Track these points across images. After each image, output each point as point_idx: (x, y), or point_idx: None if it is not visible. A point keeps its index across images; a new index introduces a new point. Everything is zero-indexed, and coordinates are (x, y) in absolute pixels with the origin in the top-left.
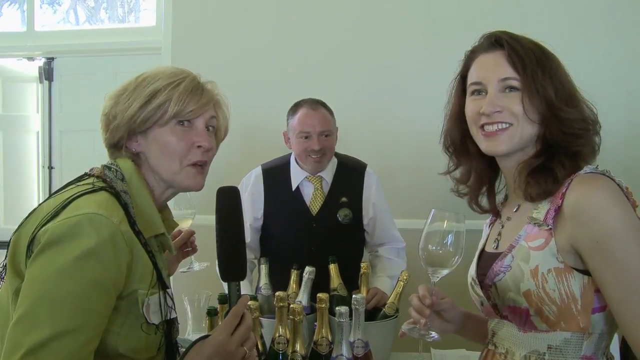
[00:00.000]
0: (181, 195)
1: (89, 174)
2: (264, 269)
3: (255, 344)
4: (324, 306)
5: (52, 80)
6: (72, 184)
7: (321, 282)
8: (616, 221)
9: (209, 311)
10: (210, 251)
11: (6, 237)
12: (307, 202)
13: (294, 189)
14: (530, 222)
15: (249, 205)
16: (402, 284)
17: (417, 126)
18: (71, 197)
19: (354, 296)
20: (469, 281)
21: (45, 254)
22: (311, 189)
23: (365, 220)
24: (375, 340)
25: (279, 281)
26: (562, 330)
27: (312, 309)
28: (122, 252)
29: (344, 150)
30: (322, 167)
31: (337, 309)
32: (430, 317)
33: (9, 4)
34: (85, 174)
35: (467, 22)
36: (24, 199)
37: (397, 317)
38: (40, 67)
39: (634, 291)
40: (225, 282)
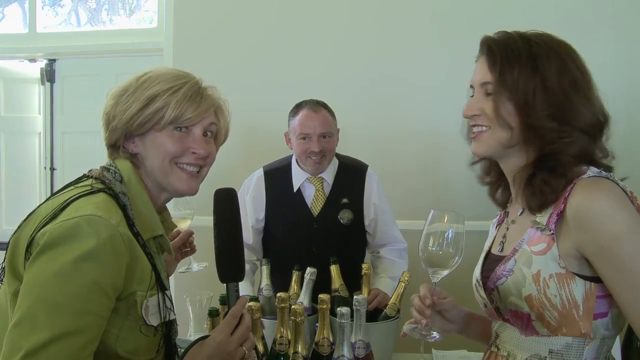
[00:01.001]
0: None
1: (88, 176)
2: (266, 270)
3: (254, 344)
4: (325, 307)
5: (54, 81)
6: (71, 185)
7: (322, 283)
8: (621, 225)
9: (211, 312)
10: (209, 251)
11: (8, 238)
12: (309, 204)
13: (295, 191)
14: (533, 225)
15: (251, 207)
16: (403, 285)
17: (418, 127)
18: (70, 198)
19: (355, 297)
20: (474, 282)
21: (43, 256)
22: (312, 190)
23: (366, 221)
24: (376, 341)
25: (281, 282)
26: (564, 335)
27: (313, 310)
28: (121, 253)
29: (345, 151)
30: (323, 169)
31: (338, 309)
32: (431, 317)
33: (11, 5)
34: (83, 175)
35: (468, 23)
36: (26, 201)
37: (398, 318)
38: (42, 69)
39: None
40: (223, 283)
